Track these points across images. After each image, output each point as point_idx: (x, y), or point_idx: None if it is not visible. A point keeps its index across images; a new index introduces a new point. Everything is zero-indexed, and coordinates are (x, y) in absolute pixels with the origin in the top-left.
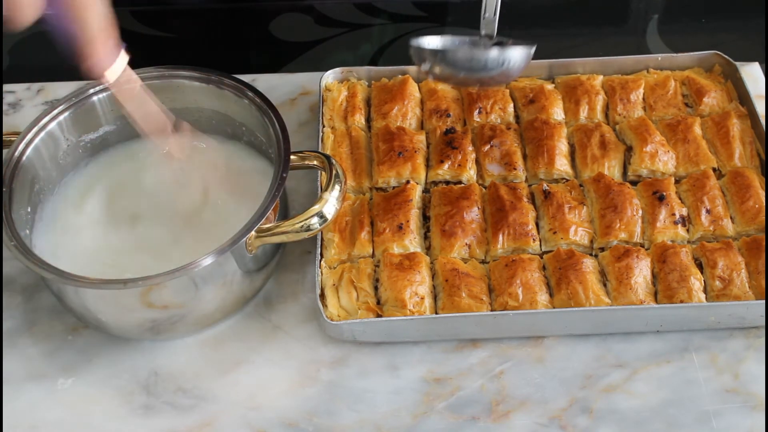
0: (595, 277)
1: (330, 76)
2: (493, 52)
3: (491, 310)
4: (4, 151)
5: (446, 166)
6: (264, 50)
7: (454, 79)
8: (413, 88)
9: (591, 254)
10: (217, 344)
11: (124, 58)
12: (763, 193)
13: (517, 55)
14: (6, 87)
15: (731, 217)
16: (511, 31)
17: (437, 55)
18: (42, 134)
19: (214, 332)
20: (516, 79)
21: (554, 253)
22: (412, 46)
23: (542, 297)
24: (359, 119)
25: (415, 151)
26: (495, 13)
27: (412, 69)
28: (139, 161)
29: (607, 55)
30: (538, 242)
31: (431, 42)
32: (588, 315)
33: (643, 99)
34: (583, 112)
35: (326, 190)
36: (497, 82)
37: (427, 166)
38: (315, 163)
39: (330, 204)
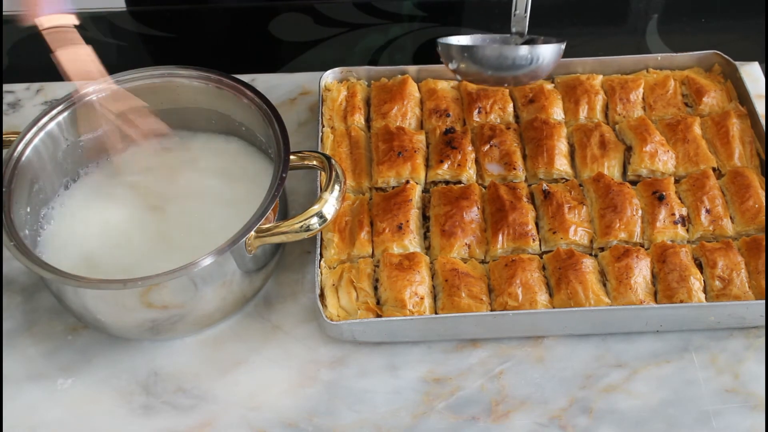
0: (595, 277)
1: (329, 76)
2: (523, 50)
3: (491, 310)
4: (4, 152)
5: (446, 166)
6: (264, 50)
7: (482, 78)
8: (413, 88)
9: (591, 254)
10: (217, 344)
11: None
12: (762, 193)
13: (547, 52)
14: (5, 87)
15: (731, 217)
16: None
17: (465, 52)
18: (41, 134)
19: (214, 332)
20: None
21: (554, 253)
22: (440, 44)
23: (542, 297)
24: (359, 119)
25: (415, 151)
26: (526, 10)
27: (411, 69)
28: (137, 161)
29: (607, 55)
30: (537, 242)
31: (459, 39)
32: (588, 315)
33: (643, 99)
34: (583, 112)
35: (326, 190)
36: (525, 81)
37: (427, 166)
38: (314, 163)
39: (329, 204)
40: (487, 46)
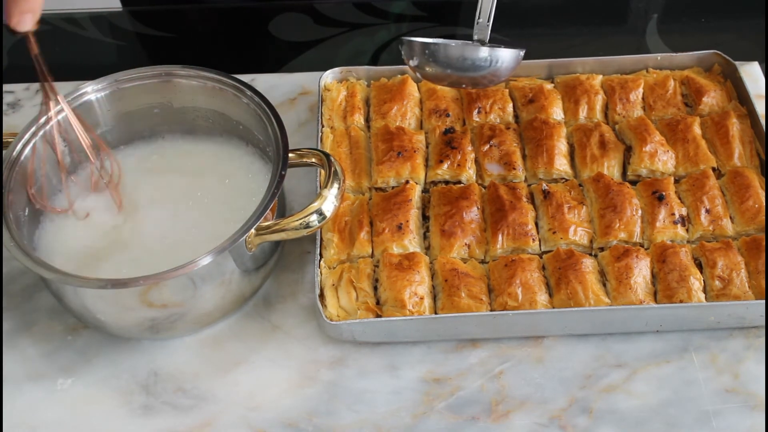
0: (595, 277)
1: (329, 76)
2: (483, 52)
3: (491, 310)
4: (3, 152)
5: (445, 165)
6: (264, 50)
7: (442, 77)
8: (412, 88)
9: (590, 254)
10: (216, 344)
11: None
12: (762, 193)
13: (506, 56)
14: (5, 87)
15: (731, 217)
16: (510, 30)
17: (427, 50)
18: (40, 134)
19: (214, 332)
20: (505, 80)
21: (554, 253)
22: (403, 41)
23: (542, 297)
24: (358, 119)
25: (415, 151)
26: (489, 19)
27: None
28: (137, 161)
29: (607, 55)
30: (537, 242)
31: (422, 39)
32: (588, 315)
33: (643, 99)
34: (583, 112)
35: (325, 187)
36: (485, 83)
37: (427, 166)
38: (313, 160)
39: (329, 201)
40: (448, 46)
